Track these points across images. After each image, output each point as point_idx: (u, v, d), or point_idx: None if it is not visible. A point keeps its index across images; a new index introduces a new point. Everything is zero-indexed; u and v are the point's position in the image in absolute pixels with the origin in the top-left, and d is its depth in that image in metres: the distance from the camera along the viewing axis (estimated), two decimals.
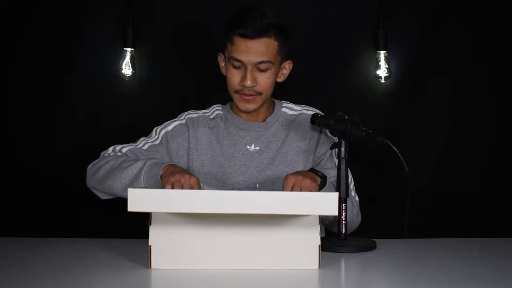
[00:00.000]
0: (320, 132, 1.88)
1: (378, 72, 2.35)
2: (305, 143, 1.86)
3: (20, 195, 2.34)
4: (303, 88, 2.32)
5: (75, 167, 2.35)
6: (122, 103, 2.35)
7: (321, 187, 1.66)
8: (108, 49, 2.34)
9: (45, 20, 2.33)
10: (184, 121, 1.89)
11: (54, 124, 2.34)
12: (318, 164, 1.85)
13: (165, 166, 1.63)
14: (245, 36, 1.73)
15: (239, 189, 1.80)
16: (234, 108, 1.90)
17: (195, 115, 1.91)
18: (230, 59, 1.78)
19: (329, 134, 1.88)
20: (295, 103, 1.98)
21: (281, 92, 2.03)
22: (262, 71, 1.77)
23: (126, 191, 1.52)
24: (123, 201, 1.76)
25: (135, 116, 2.32)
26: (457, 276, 1.30)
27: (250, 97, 1.79)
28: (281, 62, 1.83)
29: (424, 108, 2.36)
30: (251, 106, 1.81)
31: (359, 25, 2.37)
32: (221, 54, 1.88)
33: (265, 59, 1.75)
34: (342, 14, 2.37)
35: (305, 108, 1.92)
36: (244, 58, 1.74)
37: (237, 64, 1.76)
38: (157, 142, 1.85)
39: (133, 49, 2.33)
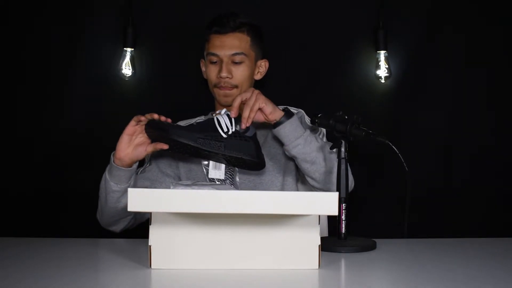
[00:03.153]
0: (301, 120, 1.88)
1: (378, 72, 2.35)
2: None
3: (20, 195, 2.34)
4: (303, 88, 2.32)
5: (75, 167, 2.36)
6: (122, 103, 2.35)
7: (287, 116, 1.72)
8: (108, 49, 2.35)
9: (45, 20, 2.34)
10: None
11: (54, 124, 2.34)
12: None
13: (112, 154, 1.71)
14: (219, 32, 1.87)
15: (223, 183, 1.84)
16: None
17: (182, 123, 1.95)
18: (207, 56, 1.89)
19: (308, 122, 1.87)
20: (296, 102, 1.99)
21: (281, 92, 2.03)
22: (236, 63, 1.87)
23: (115, 202, 1.68)
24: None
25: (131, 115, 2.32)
26: (457, 276, 1.30)
27: (227, 90, 1.87)
28: (256, 59, 1.92)
29: (424, 108, 2.36)
30: (229, 99, 1.87)
31: (359, 25, 2.37)
32: (202, 59, 1.97)
33: (238, 51, 1.86)
34: (342, 14, 2.37)
35: (286, 107, 1.91)
36: (219, 51, 1.86)
37: (214, 59, 1.87)
38: (148, 165, 1.90)
39: (133, 49, 2.33)
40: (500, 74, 2.38)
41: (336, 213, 1.30)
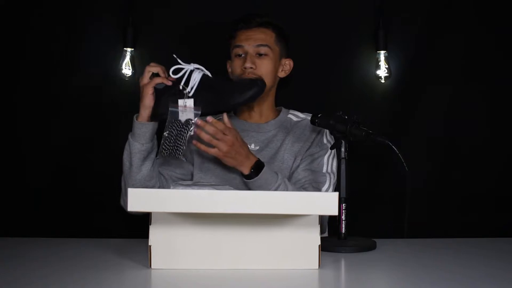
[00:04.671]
0: (318, 134, 1.90)
1: (378, 72, 2.35)
2: (300, 145, 1.90)
3: (20, 195, 2.34)
4: (304, 88, 2.32)
5: (74, 167, 2.35)
6: (122, 103, 2.35)
7: (256, 171, 1.73)
8: (108, 49, 2.35)
9: (45, 20, 2.33)
10: None
11: (55, 123, 2.34)
12: (302, 160, 1.88)
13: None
14: (245, 27, 1.91)
15: (235, 183, 1.84)
16: (238, 113, 1.98)
17: None
18: (233, 50, 1.92)
19: (325, 140, 1.89)
20: (295, 102, 1.99)
21: (281, 92, 2.03)
22: (261, 56, 1.89)
23: (140, 166, 1.77)
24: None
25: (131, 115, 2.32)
26: (457, 276, 1.30)
27: None
28: (281, 55, 1.94)
29: (424, 108, 2.36)
30: None
31: (359, 25, 2.37)
32: (228, 61, 1.99)
33: (263, 43, 1.89)
34: (342, 14, 2.37)
35: (309, 116, 1.92)
36: (244, 43, 1.89)
37: (239, 51, 1.90)
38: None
39: (133, 49, 2.33)
40: (499, 75, 2.38)
41: (336, 213, 1.30)
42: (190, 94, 1.72)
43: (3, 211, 2.32)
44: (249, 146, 1.86)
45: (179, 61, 1.75)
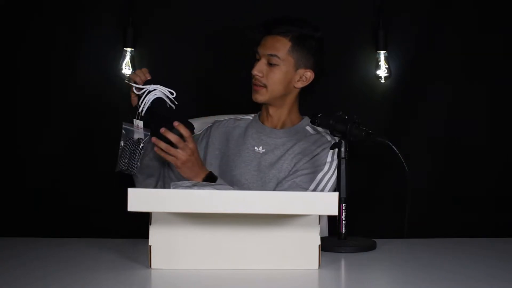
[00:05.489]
0: (322, 151, 1.87)
1: (378, 72, 2.35)
2: (300, 157, 1.87)
3: (20, 195, 2.34)
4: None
5: (74, 167, 2.36)
6: (122, 103, 2.35)
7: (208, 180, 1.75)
8: (108, 49, 2.35)
9: (46, 21, 2.34)
10: (211, 123, 2.03)
11: (55, 123, 2.34)
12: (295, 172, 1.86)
13: None
14: (265, 33, 1.91)
15: (236, 181, 1.85)
16: (261, 115, 1.99)
17: (222, 117, 2.04)
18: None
19: (329, 158, 1.87)
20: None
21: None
22: (271, 65, 1.88)
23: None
24: (123, 201, 1.76)
25: (135, 116, 2.32)
26: (457, 276, 1.30)
27: (257, 88, 1.89)
28: (297, 66, 1.90)
29: (424, 108, 2.36)
30: (257, 97, 1.90)
31: (359, 25, 2.37)
32: None
33: (273, 53, 1.87)
34: (342, 14, 2.37)
35: (326, 133, 1.91)
36: (259, 49, 1.90)
37: (257, 55, 1.91)
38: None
39: (133, 49, 2.33)
40: (499, 74, 2.38)
41: (336, 213, 1.30)
42: (142, 114, 1.72)
43: (3, 211, 2.32)
44: (256, 148, 1.88)
45: (137, 85, 1.72)
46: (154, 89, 1.73)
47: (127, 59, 2.33)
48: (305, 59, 1.91)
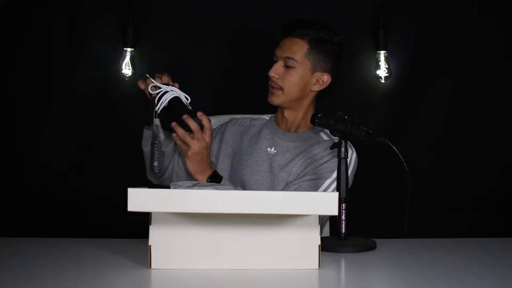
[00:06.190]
0: (331, 159, 1.86)
1: (378, 72, 2.35)
2: (309, 162, 1.86)
3: (20, 195, 2.34)
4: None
5: (74, 166, 2.36)
6: (122, 103, 2.35)
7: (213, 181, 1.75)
8: (108, 49, 2.35)
9: (46, 21, 2.34)
10: (227, 120, 2.03)
11: (55, 123, 2.34)
12: (303, 176, 1.85)
13: None
14: (284, 34, 1.89)
15: (246, 180, 1.86)
16: (276, 117, 1.99)
17: (239, 116, 2.04)
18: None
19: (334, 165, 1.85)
20: None
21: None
22: (288, 68, 1.86)
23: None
24: (123, 201, 1.76)
25: (135, 116, 2.32)
26: (457, 276, 1.30)
27: (273, 89, 1.89)
28: (313, 69, 1.88)
29: (424, 108, 2.36)
30: (273, 99, 1.89)
31: (359, 25, 2.37)
32: None
33: (290, 55, 1.86)
34: (342, 14, 2.37)
35: (336, 139, 1.89)
36: (277, 51, 1.89)
37: (274, 58, 1.89)
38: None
39: (133, 49, 2.33)
40: (499, 74, 2.38)
41: (336, 213, 1.30)
42: (158, 112, 1.71)
43: (3, 211, 2.32)
44: (268, 149, 1.88)
45: (155, 83, 1.72)
46: (172, 90, 1.72)
47: (127, 59, 2.33)
48: (322, 62, 1.89)
